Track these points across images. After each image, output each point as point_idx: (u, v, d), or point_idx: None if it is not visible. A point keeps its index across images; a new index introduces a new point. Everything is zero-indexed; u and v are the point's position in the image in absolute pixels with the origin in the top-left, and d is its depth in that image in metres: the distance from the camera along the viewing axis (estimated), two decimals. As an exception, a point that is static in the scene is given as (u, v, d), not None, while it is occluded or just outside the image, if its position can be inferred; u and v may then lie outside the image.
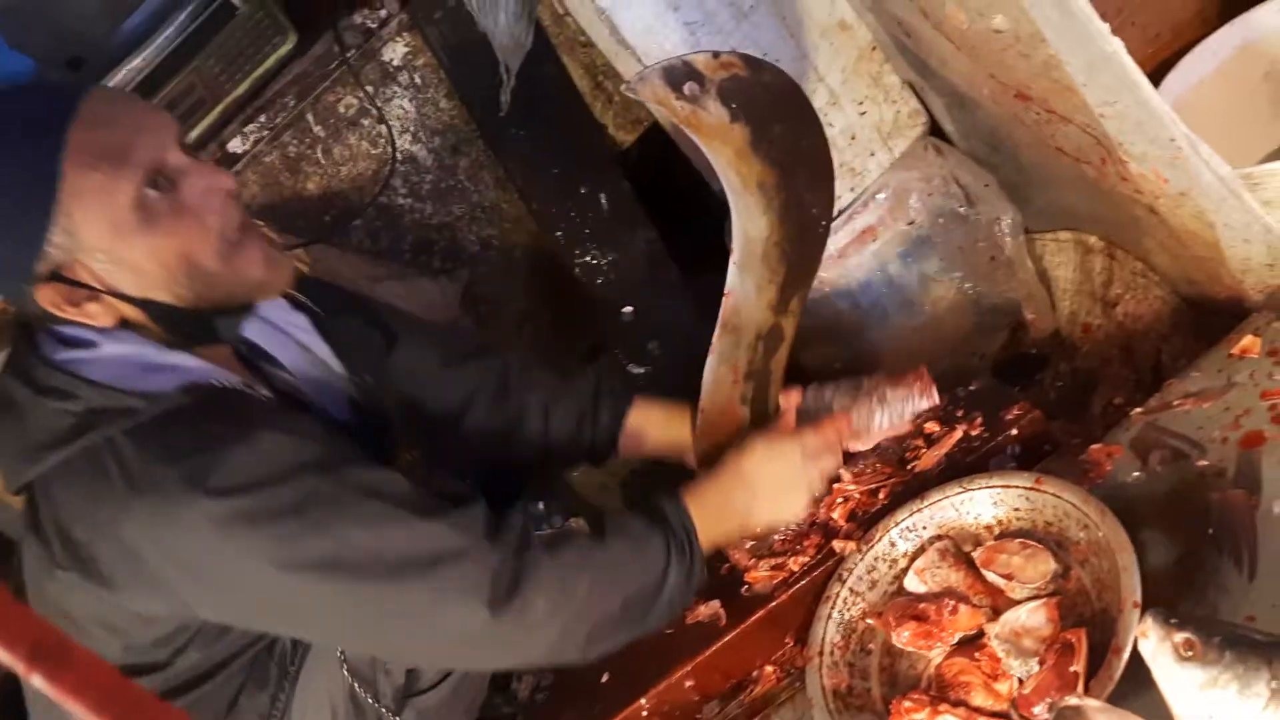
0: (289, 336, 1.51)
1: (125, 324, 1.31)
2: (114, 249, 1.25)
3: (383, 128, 2.09)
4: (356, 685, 1.44)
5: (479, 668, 1.53)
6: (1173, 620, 1.18)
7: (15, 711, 1.48)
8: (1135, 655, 1.18)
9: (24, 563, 1.37)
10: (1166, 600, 1.28)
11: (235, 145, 2.07)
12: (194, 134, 2.04)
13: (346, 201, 2.15)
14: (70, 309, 1.28)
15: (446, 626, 1.30)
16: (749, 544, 1.66)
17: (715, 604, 1.63)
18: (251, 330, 1.47)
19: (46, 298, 1.27)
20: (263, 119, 2.06)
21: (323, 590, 1.26)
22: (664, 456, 1.72)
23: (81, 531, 1.27)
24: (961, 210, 1.91)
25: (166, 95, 2.06)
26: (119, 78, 2.10)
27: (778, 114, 1.47)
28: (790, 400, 1.66)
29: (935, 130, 1.95)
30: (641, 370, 2.06)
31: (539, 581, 1.30)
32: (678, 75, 1.39)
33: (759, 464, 1.51)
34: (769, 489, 1.52)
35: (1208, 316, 1.67)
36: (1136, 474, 1.45)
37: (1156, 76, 1.70)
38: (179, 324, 1.32)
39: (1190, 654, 1.16)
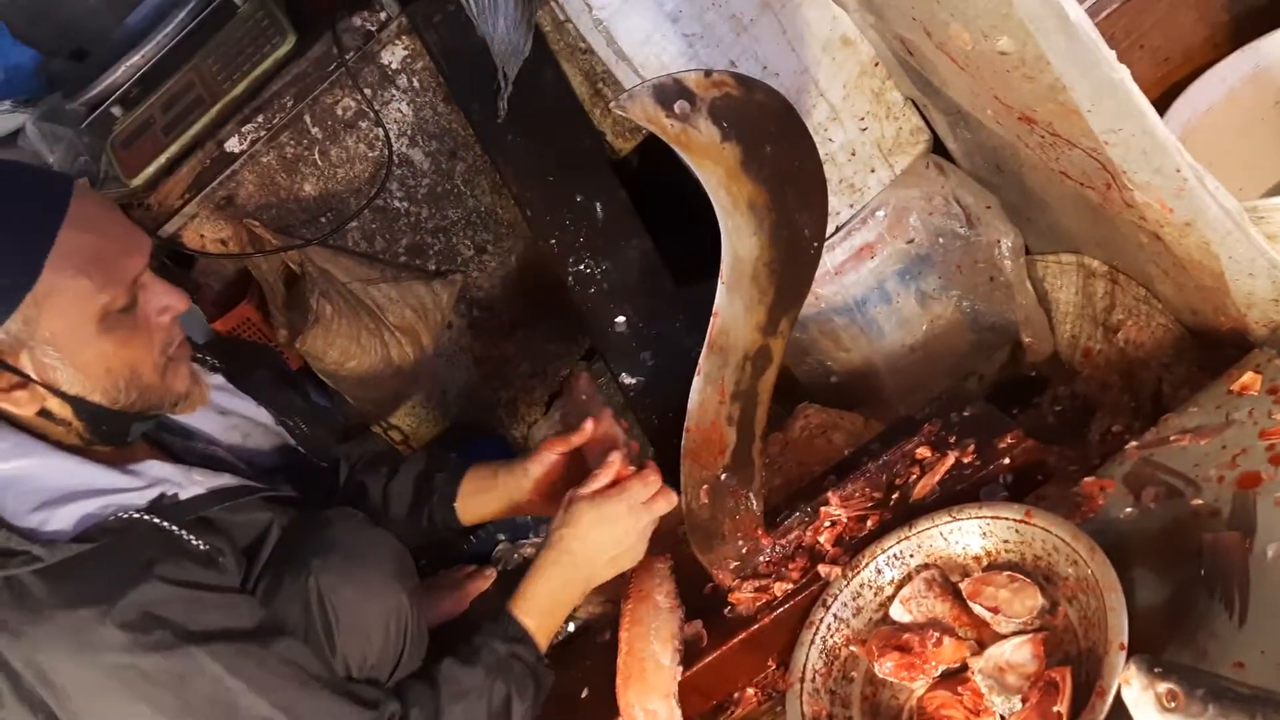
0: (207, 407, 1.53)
1: (44, 413, 1.33)
2: (66, 348, 1.29)
3: (380, 130, 2.08)
4: None
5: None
6: (1157, 669, 1.16)
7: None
8: (1119, 697, 1.16)
9: None
10: (1155, 641, 1.26)
11: (232, 145, 2.06)
12: (191, 132, 2.04)
13: (342, 204, 2.14)
14: None
15: None
16: (733, 564, 1.65)
17: (697, 624, 1.63)
18: None
19: None
20: (260, 119, 2.05)
21: None
22: (505, 515, 1.75)
23: None
24: (962, 230, 1.88)
25: (166, 92, 2.07)
26: (120, 73, 2.10)
27: (770, 134, 1.44)
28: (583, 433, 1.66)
29: (938, 148, 1.93)
30: (634, 381, 2.05)
31: None
32: (668, 93, 1.37)
33: (587, 535, 1.53)
34: (603, 555, 1.54)
35: (1211, 347, 1.64)
36: (1129, 510, 1.42)
37: (1165, 100, 1.67)
38: (100, 423, 1.36)
39: (1173, 705, 1.14)
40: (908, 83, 1.82)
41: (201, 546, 1.35)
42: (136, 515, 1.32)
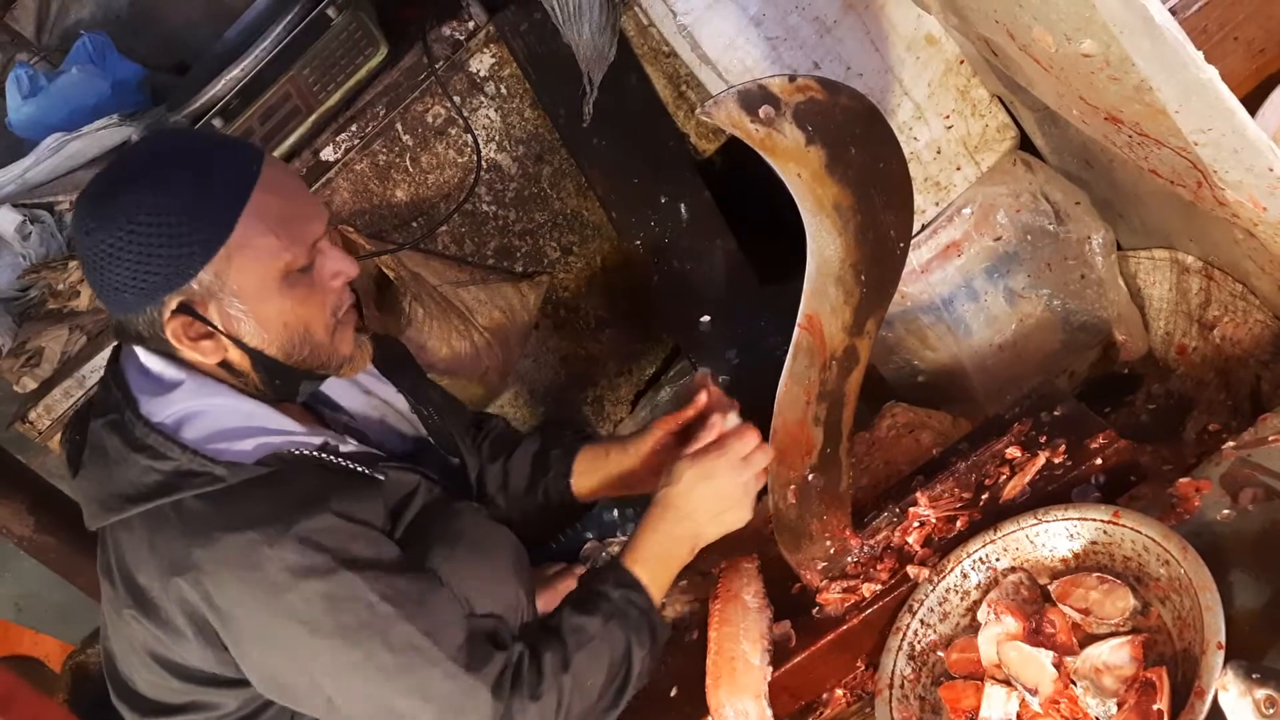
0: (353, 382, 1.60)
1: (224, 364, 1.41)
2: (250, 302, 1.37)
3: (469, 137, 2.12)
4: None
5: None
6: (1255, 674, 1.15)
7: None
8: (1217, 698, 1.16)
9: (103, 598, 1.48)
10: (1253, 646, 1.24)
11: (327, 153, 2.12)
12: (289, 142, 2.11)
13: (433, 208, 2.19)
14: (186, 341, 1.37)
15: None
16: (821, 565, 1.66)
17: (786, 624, 1.63)
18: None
19: (170, 326, 1.36)
20: (354, 128, 2.11)
21: (350, 681, 1.38)
22: (618, 493, 1.78)
23: (144, 578, 1.37)
24: (1051, 227, 1.86)
25: (264, 104, 2.13)
26: (219, 87, 2.16)
27: (855, 136, 1.44)
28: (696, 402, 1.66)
29: (1025, 144, 1.90)
30: (719, 380, 2.06)
31: None
32: (753, 99, 1.37)
33: (691, 491, 1.53)
34: (708, 511, 1.54)
35: (1310, 344, 1.60)
36: (1226, 512, 1.40)
37: (1261, 93, 1.62)
38: (275, 376, 1.43)
39: (1272, 711, 1.13)
40: (994, 80, 1.80)
41: (367, 483, 1.43)
42: (310, 453, 1.41)
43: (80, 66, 2.47)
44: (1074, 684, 1.35)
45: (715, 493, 1.53)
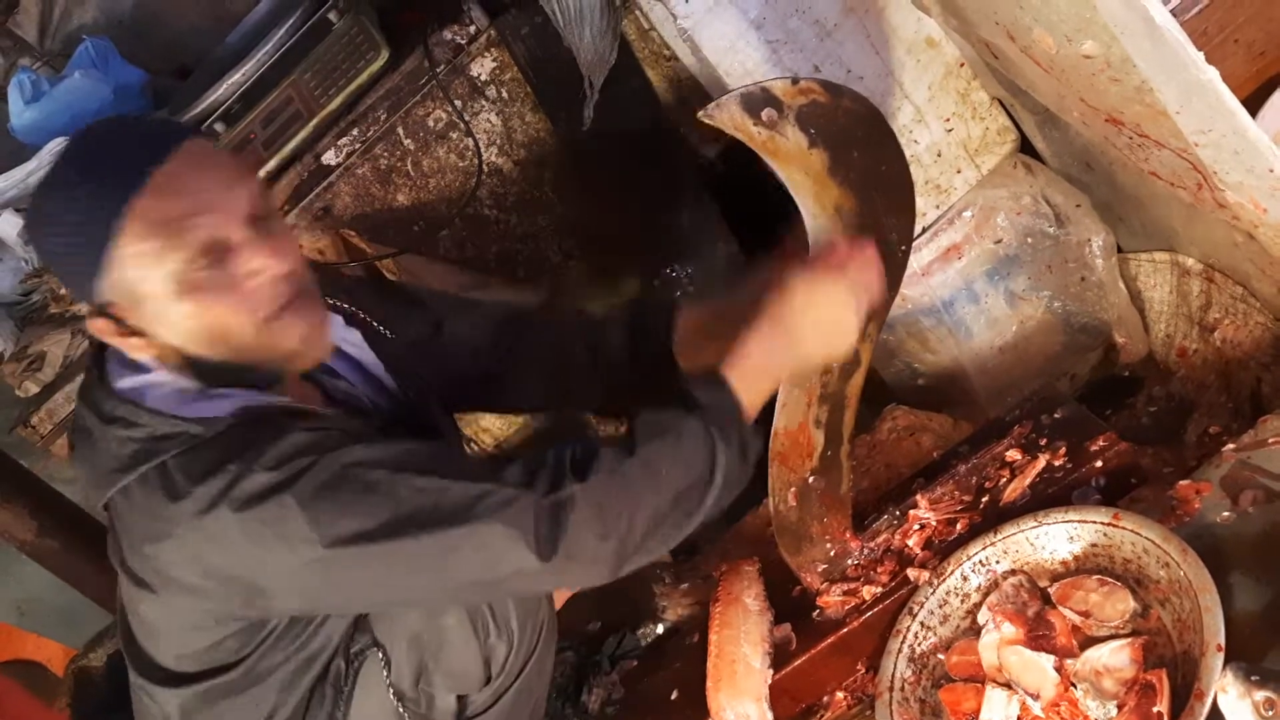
0: (343, 353, 1.55)
1: (159, 358, 1.37)
2: (155, 307, 1.32)
3: (470, 140, 2.13)
4: (402, 709, 1.49)
5: (557, 591, 1.57)
6: (1254, 676, 1.15)
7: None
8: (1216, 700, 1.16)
9: (119, 578, 1.46)
10: (1253, 648, 1.24)
11: (329, 157, 2.12)
12: (290, 146, 2.11)
13: (434, 212, 2.19)
14: (114, 338, 1.35)
15: (501, 574, 1.31)
16: (821, 567, 1.66)
17: (786, 627, 1.64)
18: None
19: (96, 326, 1.35)
20: (355, 132, 2.11)
21: (371, 559, 1.29)
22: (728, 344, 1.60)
23: (148, 547, 1.34)
24: (1051, 229, 1.86)
25: (265, 108, 2.13)
26: (222, 90, 2.17)
27: (857, 139, 1.45)
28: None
29: (1026, 147, 1.91)
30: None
31: (578, 518, 1.28)
32: (755, 102, 1.38)
33: (802, 309, 1.41)
34: (815, 332, 1.42)
35: (1311, 346, 1.60)
36: (1226, 514, 1.41)
37: (1262, 95, 1.62)
38: (208, 371, 1.37)
39: (1271, 713, 1.13)
40: (994, 83, 1.81)
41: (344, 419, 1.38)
42: (284, 404, 1.37)
43: (83, 71, 2.46)
44: (1074, 686, 1.36)
45: (828, 311, 1.41)
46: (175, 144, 1.31)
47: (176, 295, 1.30)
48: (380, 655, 1.48)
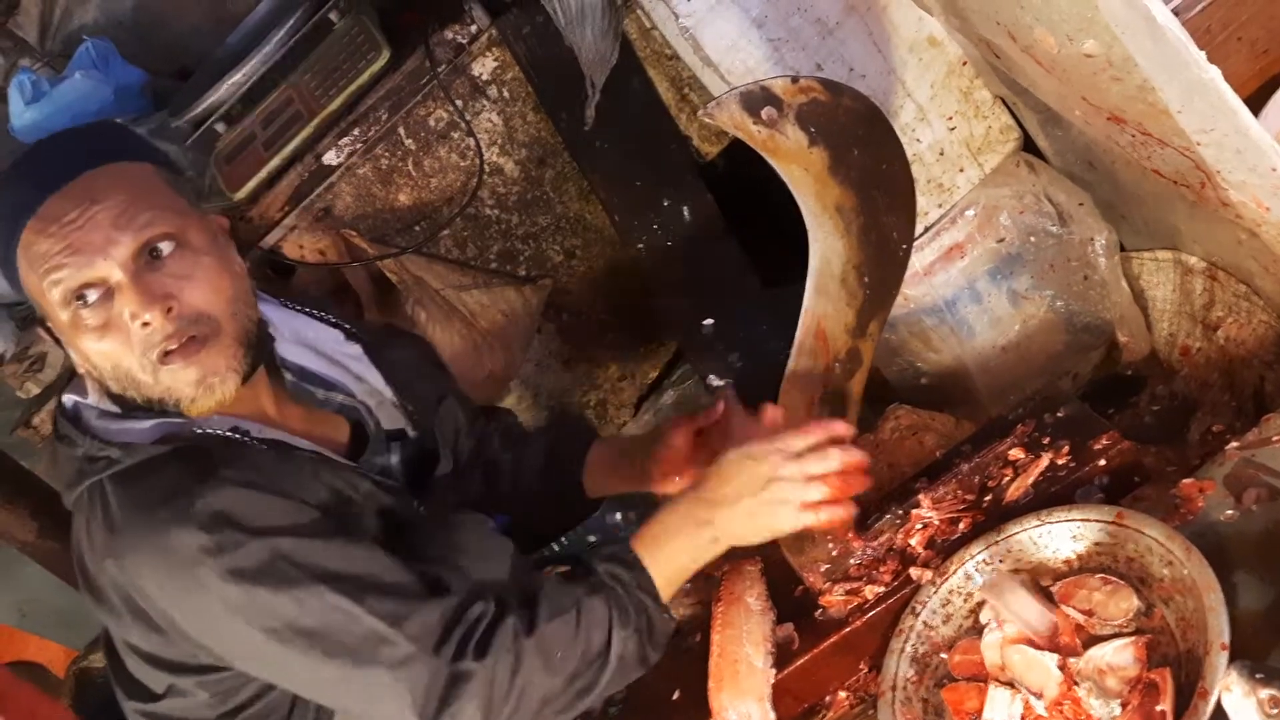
0: (343, 366, 1.56)
1: (89, 375, 1.39)
2: (58, 331, 1.35)
3: (471, 140, 2.13)
4: None
5: None
6: (1259, 675, 1.14)
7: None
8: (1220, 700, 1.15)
9: None
10: (1257, 647, 1.24)
11: (330, 158, 2.12)
12: (290, 146, 2.11)
13: (436, 212, 2.19)
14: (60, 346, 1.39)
15: (377, 718, 1.35)
16: (824, 567, 1.65)
17: (789, 627, 1.62)
18: (306, 359, 1.54)
19: (41, 331, 1.40)
20: (356, 132, 2.12)
21: (272, 650, 1.31)
22: (629, 490, 1.71)
23: (89, 563, 1.37)
24: (1054, 228, 1.86)
25: (266, 108, 2.14)
26: (222, 91, 2.17)
27: (858, 138, 1.45)
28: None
29: (1029, 146, 1.90)
30: (721, 383, 2.06)
31: (469, 691, 1.30)
32: (756, 100, 1.38)
33: (725, 477, 1.38)
34: (739, 501, 1.37)
35: (1314, 345, 1.60)
36: (1230, 512, 1.40)
37: (1265, 94, 1.62)
38: (119, 400, 1.37)
39: (1276, 712, 1.13)
40: (996, 81, 1.80)
41: (283, 458, 1.37)
42: (214, 431, 1.35)
43: (83, 72, 2.46)
44: (1077, 685, 1.35)
45: (753, 483, 1.36)
46: (80, 170, 1.31)
47: (67, 330, 1.32)
48: None
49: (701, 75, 1.82)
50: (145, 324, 1.30)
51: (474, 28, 2.07)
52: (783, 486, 1.37)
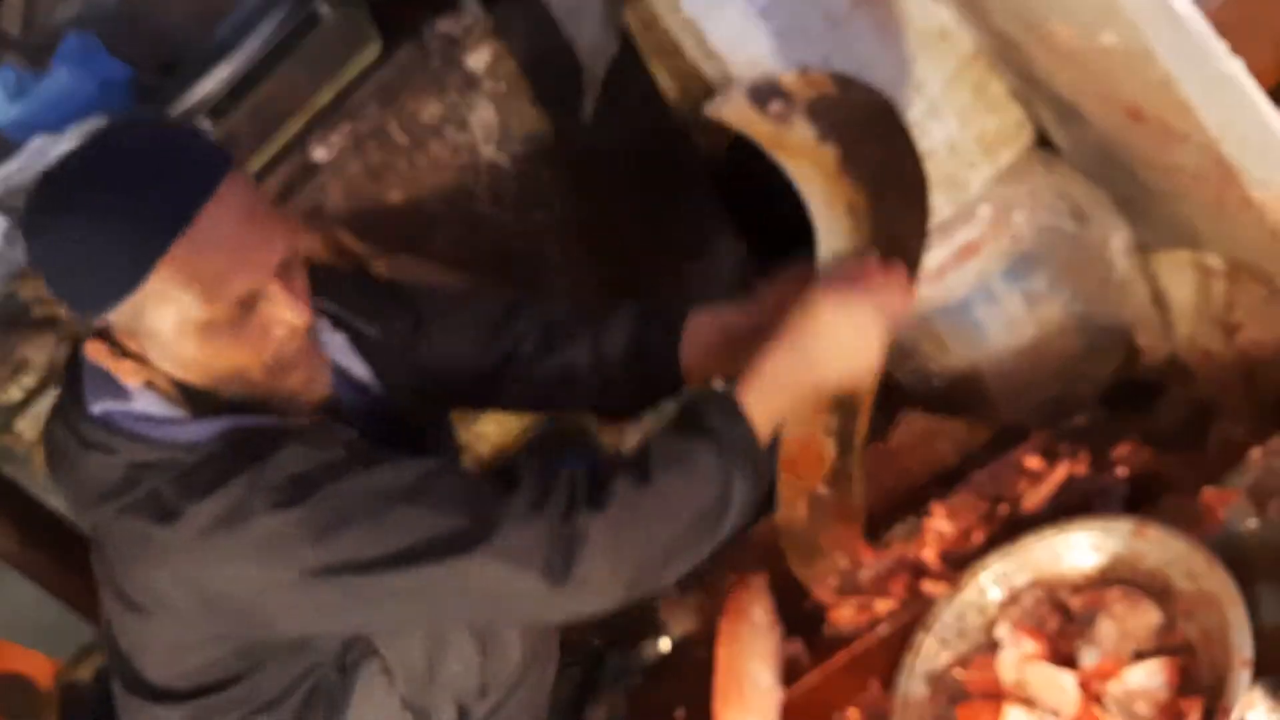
0: (335, 365, 1.53)
1: (149, 384, 1.35)
2: (168, 345, 1.31)
3: (465, 136, 2.10)
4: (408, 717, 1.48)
5: (566, 622, 1.54)
6: (1283, 692, 1.12)
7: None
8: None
9: (102, 594, 1.46)
10: (1283, 663, 1.20)
11: (319, 154, 2.08)
12: (278, 142, 2.07)
13: (428, 210, 2.16)
14: (107, 360, 1.34)
15: (512, 602, 1.31)
16: (833, 580, 1.63)
17: (797, 642, 1.61)
18: None
19: (90, 347, 1.34)
20: (346, 127, 2.07)
21: (379, 588, 1.29)
22: (734, 364, 1.54)
23: (140, 571, 1.34)
24: (1070, 227, 1.82)
25: (252, 102, 2.09)
26: (207, 85, 2.13)
27: (870, 133, 1.41)
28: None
29: (1043, 142, 1.87)
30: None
31: (592, 548, 1.26)
32: (762, 95, 1.34)
33: (824, 322, 1.36)
34: (838, 355, 1.37)
35: (1339, 347, 1.58)
36: (1253, 522, 1.37)
37: (1288, 89, 1.59)
38: (202, 402, 1.36)
39: (1303, 732, 1.10)
40: (1011, 75, 1.77)
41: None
42: (273, 422, 1.35)
43: (68, 67, 2.43)
44: (1100, 705, 1.32)
45: (851, 330, 1.35)
46: (220, 177, 1.27)
47: (199, 341, 1.29)
48: (378, 665, 1.46)
49: (705, 68, 1.78)
50: (291, 329, 1.32)
51: (468, 19, 2.03)
52: (872, 333, 1.37)
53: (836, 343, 1.36)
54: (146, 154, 1.30)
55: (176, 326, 1.28)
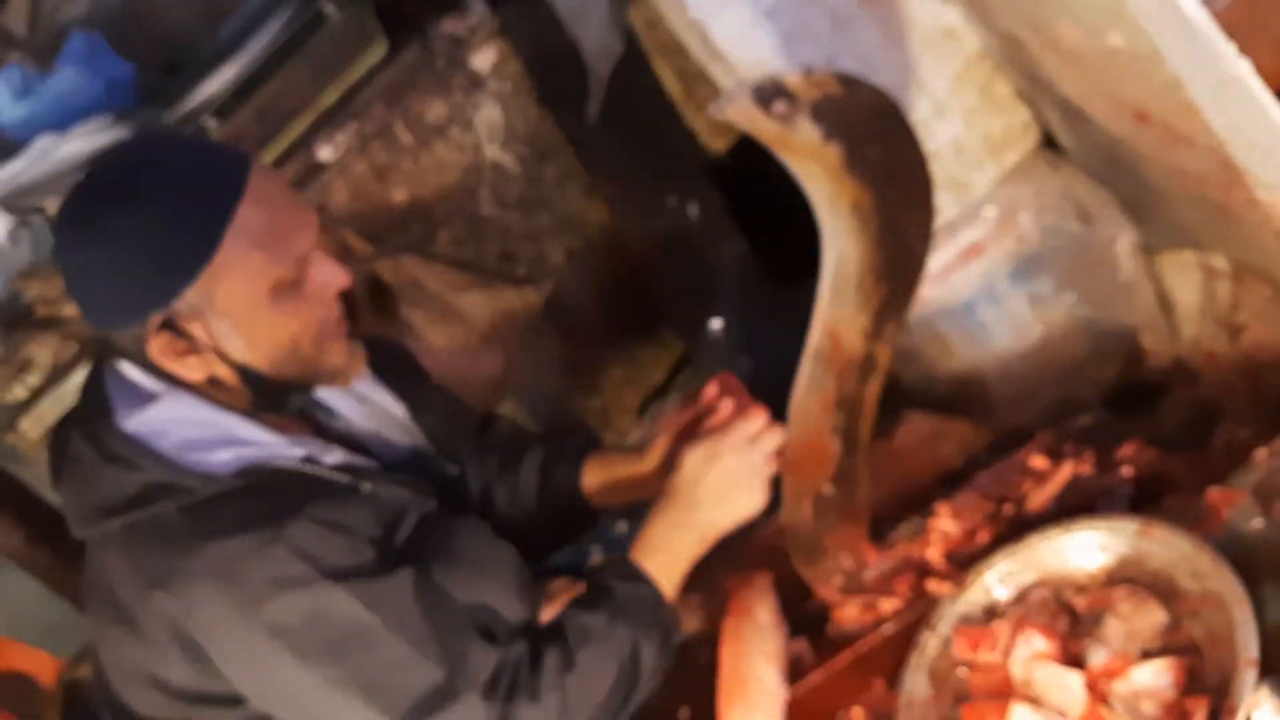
0: (348, 389, 1.56)
1: (211, 380, 1.38)
2: (238, 319, 1.33)
3: (470, 136, 2.11)
4: None
5: None
6: (1292, 693, 1.12)
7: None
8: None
9: (89, 614, 1.46)
10: (1290, 663, 1.20)
11: (324, 154, 2.10)
12: (284, 142, 2.10)
13: (433, 210, 2.18)
14: (170, 358, 1.35)
15: None
16: (837, 580, 1.62)
17: (801, 642, 1.60)
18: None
19: (155, 343, 1.34)
20: (352, 127, 2.10)
21: (332, 699, 1.33)
22: (630, 499, 1.71)
23: (126, 593, 1.35)
24: (1076, 228, 1.82)
25: (257, 102, 2.12)
26: (213, 85, 2.14)
27: (875, 133, 1.40)
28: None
29: (1049, 143, 1.86)
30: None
31: None
32: (767, 94, 1.33)
33: (696, 476, 1.47)
34: (717, 497, 1.48)
35: (1344, 349, 1.57)
36: (1258, 522, 1.37)
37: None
38: (263, 390, 1.40)
39: (1312, 734, 1.10)
40: (1016, 75, 1.77)
41: (350, 492, 1.40)
42: (290, 465, 1.38)
43: (73, 66, 2.44)
44: (1106, 705, 1.32)
45: (722, 476, 1.47)
46: (246, 157, 1.34)
47: (268, 307, 1.33)
48: None
49: (710, 68, 1.78)
50: (337, 290, 1.39)
51: (473, 19, 2.06)
52: (744, 472, 1.48)
53: (712, 493, 1.47)
54: (176, 147, 1.39)
55: (248, 296, 1.31)
